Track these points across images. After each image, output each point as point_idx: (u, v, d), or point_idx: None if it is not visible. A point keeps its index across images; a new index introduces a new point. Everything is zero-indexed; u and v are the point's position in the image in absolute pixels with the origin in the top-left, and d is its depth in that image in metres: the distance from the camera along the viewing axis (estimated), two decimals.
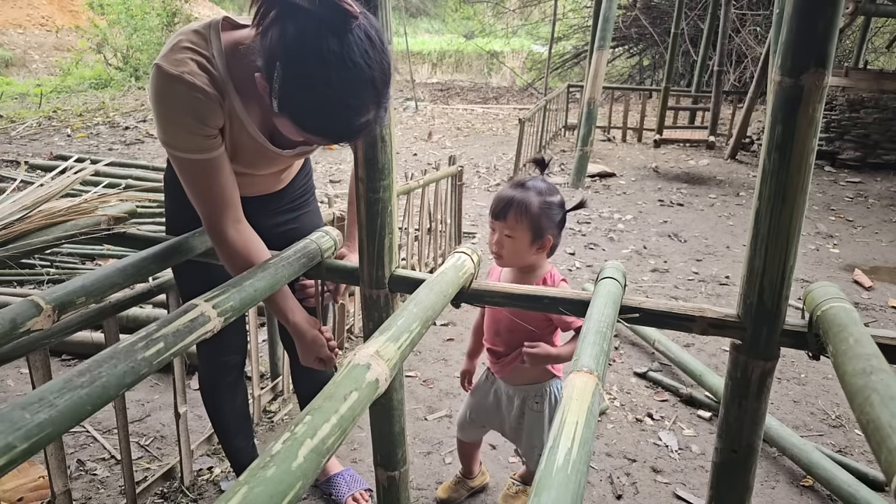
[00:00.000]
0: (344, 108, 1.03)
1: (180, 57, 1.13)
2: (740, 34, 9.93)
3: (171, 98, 1.13)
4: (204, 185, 1.22)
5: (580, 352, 0.87)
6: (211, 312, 1.01)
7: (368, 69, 1.00)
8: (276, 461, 0.61)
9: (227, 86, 1.17)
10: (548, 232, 1.52)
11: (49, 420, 0.73)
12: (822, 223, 4.87)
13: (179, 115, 1.14)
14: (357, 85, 1.01)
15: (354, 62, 0.98)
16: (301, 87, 1.01)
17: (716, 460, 1.20)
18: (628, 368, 2.69)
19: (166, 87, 1.12)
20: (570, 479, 0.60)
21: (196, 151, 1.17)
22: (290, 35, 0.98)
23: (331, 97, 1.01)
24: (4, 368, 2.49)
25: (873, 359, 0.80)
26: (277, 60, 1.00)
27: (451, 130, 8.78)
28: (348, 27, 0.97)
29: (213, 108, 1.16)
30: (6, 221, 1.36)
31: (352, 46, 0.98)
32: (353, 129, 1.06)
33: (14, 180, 4.85)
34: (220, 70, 1.16)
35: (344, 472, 1.93)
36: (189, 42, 1.15)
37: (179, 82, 1.11)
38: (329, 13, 0.96)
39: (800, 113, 0.93)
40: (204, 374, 1.76)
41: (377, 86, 1.02)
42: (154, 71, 1.13)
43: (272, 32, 1.00)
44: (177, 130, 1.16)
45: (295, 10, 0.98)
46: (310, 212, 1.65)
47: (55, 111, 8.85)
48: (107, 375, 0.83)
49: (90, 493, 1.91)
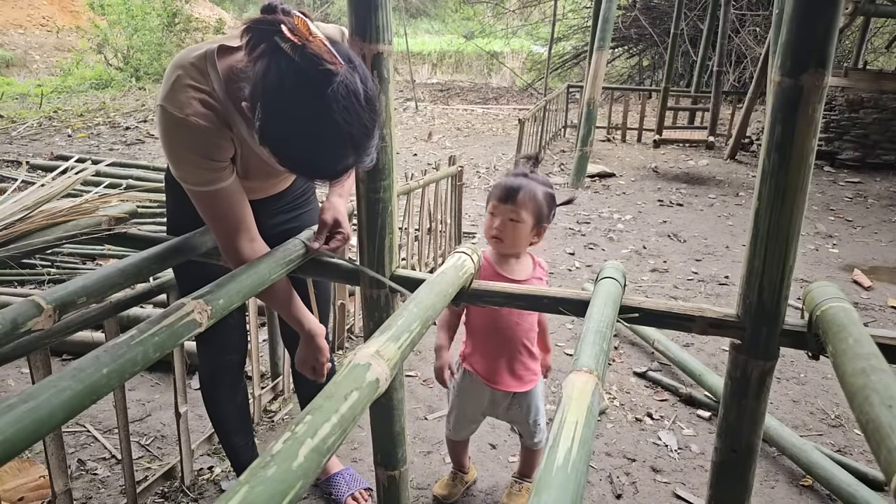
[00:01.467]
0: (320, 157, 1.04)
1: (183, 98, 1.14)
2: (740, 34, 9.93)
3: (179, 139, 1.15)
4: (220, 213, 1.25)
5: (580, 351, 0.87)
6: (199, 310, 1.02)
7: (347, 125, 1.00)
8: (276, 460, 0.61)
9: (232, 115, 1.19)
10: (545, 221, 1.60)
11: (34, 413, 0.74)
12: (822, 223, 4.88)
13: (189, 154, 1.17)
14: (333, 140, 1.01)
15: (331, 119, 0.98)
16: (278, 131, 1.02)
17: (715, 460, 1.20)
18: (628, 368, 2.69)
19: (173, 129, 1.14)
20: (570, 479, 0.60)
21: (209, 184, 1.20)
22: (272, 79, 0.98)
23: (306, 146, 1.03)
24: (5, 368, 2.49)
25: (873, 359, 0.80)
26: (258, 99, 1.00)
27: (451, 131, 8.78)
28: (329, 83, 0.97)
29: (221, 143, 1.18)
30: (7, 221, 1.37)
31: (330, 104, 0.97)
32: (330, 172, 1.08)
33: (15, 180, 4.85)
34: (223, 101, 1.17)
35: (344, 472, 1.93)
36: (189, 78, 1.15)
37: (185, 125, 1.13)
38: (308, 66, 0.96)
39: (799, 113, 0.94)
40: (204, 373, 1.76)
41: (355, 140, 1.03)
42: (159, 113, 1.15)
43: (259, 66, 1.00)
44: (189, 167, 1.18)
45: (280, 53, 0.98)
46: (310, 210, 1.66)
47: (56, 111, 8.85)
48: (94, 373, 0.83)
49: (91, 492, 1.91)
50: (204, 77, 1.16)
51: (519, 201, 1.55)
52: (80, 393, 0.82)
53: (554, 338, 2.95)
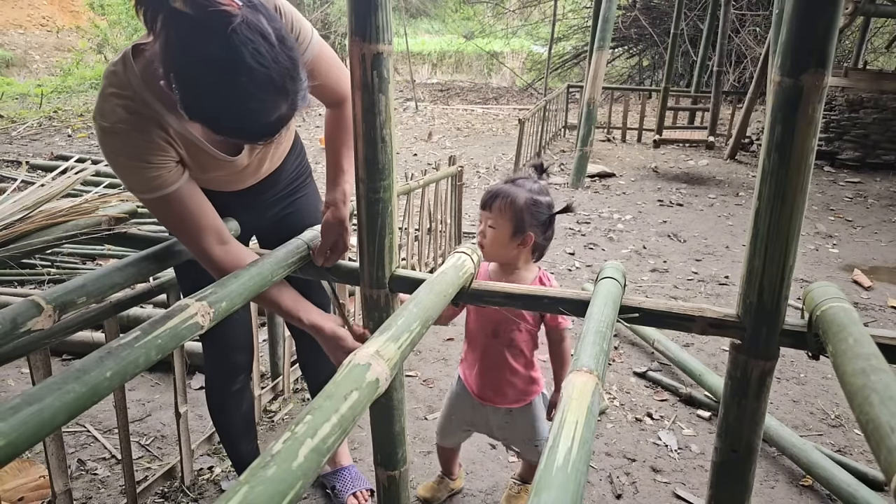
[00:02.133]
0: (248, 111, 0.98)
1: (108, 107, 1.13)
2: (740, 34, 9.93)
3: (112, 148, 1.15)
4: (177, 217, 1.22)
5: (580, 351, 0.87)
6: (201, 310, 1.02)
7: (263, 68, 0.94)
8: (276, 461, 0.61)
9: (159, 111, 1.15)
10: (530, 229, 1.53)
11: (38, 415, 0.74)
12: (822, 223, 4.88)
13: (125, 161, 1.15)
14: (254, 86, 0.95)
15: (245, 65, 0.93)
16: (198, 95, 0.98)
17: (715, 460, 1.20)
18: (628, 368, 2.69)
19: (105, 139, 1.14)
20: (570, 479, 0.60)
21: (157, 189, 1.18)
22: (174, 43, 0.94)
23: (231, 102, 0.97)
24: (5, 368, 2.49)
25: (873, 359, 0.80)
26: (170, 71, 0.96)
27: (451, 131, 8.78)
28: (230, 27, 0.91)
29: (154, 144, 1.15)
30: (7, 221, 1.37)
31: (238, 48, 0.92)
32: (267, 127, 1.03)
33: (15, 180, 4.85)
34: (147, 101, 1.14)
35: (350, 468, 1.93)
36: (112, 87, 1.13)
37: (114, 134, 1.13)
38: (206, 16, 0.91)
39: (799, 113, 0.94)
40: (210, 378, 1.74)
41: (277, 81, 0.97)
42: (94, 128, 1.16)
43: (161, 38, 0.96)
44: (129, 175, 1.17)
45: (175, 14, 0.92)
46: (307, 195, 1.62)
47: (56, 111, 8.85)
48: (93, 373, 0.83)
49: (91, 492, 1.91)
50: (124, 81, 1.13)
51: (495, 207, 1.52)
52: (83, 394, 0.81)
53: None
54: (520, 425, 1.70)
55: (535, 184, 1.57)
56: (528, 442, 1.72)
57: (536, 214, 1.53)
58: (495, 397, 1.67)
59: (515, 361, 1.63)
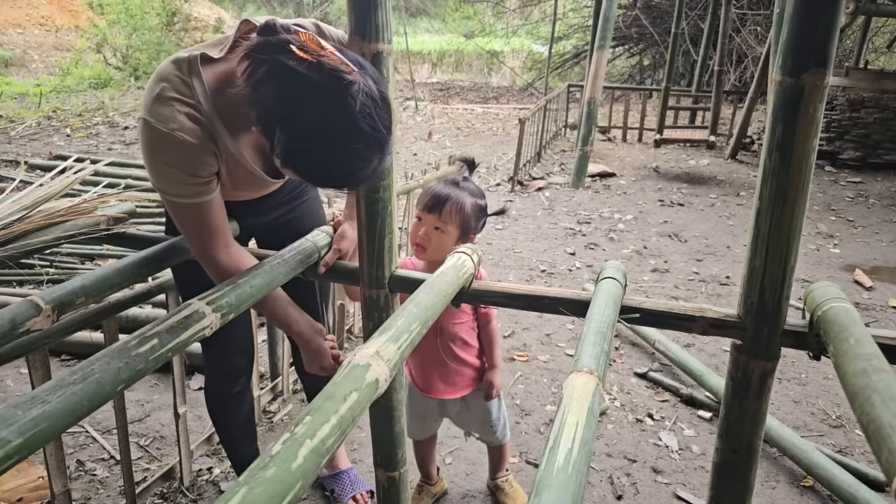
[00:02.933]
0: (353, 169, 1.02)
1: (167, 112, 1.10)
2: (741, 34, 9.93)
3: (163, 154, 1.12)
4: (195, 223, 1.22)
5: (580, 352, 0.87)
6: (207, 311, 1.01)
7: (374, 132, 0.98)
8: (275, 461, 0.61)
9: (218, 129, 1.15)
10: (472, 232, 1.59)
11: (43, 417, 0.74)
12: (823, 223, 4.87)
13: (172, 170, 1.13)
14: (366, 151, 1.00)
15: (357, 128, 0.96)
16: (304, 152, 1.00)
17: (716, 460, 1.20)
18: (628, 368, 2.69)
19: (157, 143, 1.11)
20: (571, 480, 0.60)
21: (191, 197, 1.17)
22: (288, 101, 0.96)
23: (340, 162, 1.01)
24: (4, 368, 2.48)
25: (874, 359, 0.80)
26: (276, 125, 0.98)
27: (451, 130, 8.78)
28: (349, 93, 0.94)
29: (205, 159, 1.14)
30: (6, 221, 1.36)
31: (353, 112, 0.95)
32: (358, 180, 1.07)
33: (13, 180, 4.85)
34: (208, 115, 1.14)
35: (349, 471, 1.92)
36: (174, 91, 1.11)
37: (170, 140, 1.10)
38: (326, 80, 0.94)
39: (800, 113, 0.93)
40: (210, 381, 1.74)
41: (381, 142, 1.01)
42: (142, 126, 1.11)
43: (265, 90, 0.97)
44: (169, 181, 1.15)
45: (289, 71, 0.94)
46: (308, 200, 1.63)
47: (55, 111, 8.85)
48: (101, 374, 0.83)
49: (90, 493, 1.90)
50: (188, 89, 1.12)
51: (444, 212, 1.53)
52: (89, 391, 0.81)
53: (554, 338, 2.95)
54: (474, 410, 1.75)
55: (475, 186, 1.61)
56: (485, 424, 1.77)
57: (479, 218, 1.60)
58: (447, 389, 1.69)
59: (463, 352, 1.67)
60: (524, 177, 6.03)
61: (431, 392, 1.70)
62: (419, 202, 1.59)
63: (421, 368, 1.71)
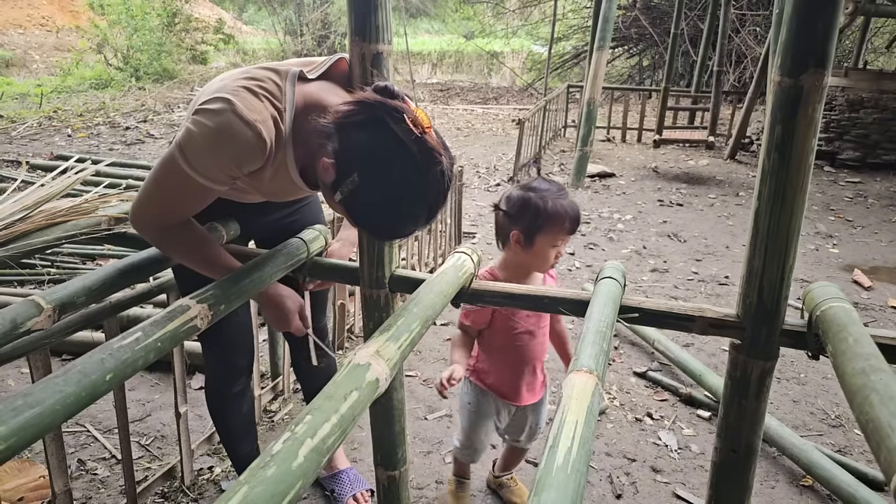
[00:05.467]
0: (399, 227, 1.10)
1: (257, 105, 1.10)
2: (740, 34, 9.93)
3: (231, 140, 1.07)
4: (182, 197, 1.17)
5: (580, 351, 0.87)
6: (199, 310, 1.02)
7: (436, 204, 1.07)
8: (276, 461, 0.61)
9: (287, 140, 1.17)
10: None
11: (36, 415, 0.74)
12: (822, 223, 4.88)
13: (227, 156, 1.09)
14: (423, 216, 1.08)
15: (427, 201, 1.06)
16: (371, 202, 1.05)
17: (715, 460, 1.20)
18: (628, 368, 2.69)
19: (233, 128, 1.07)
20: (570, 479, 0.60)
21: (210, 181, 1.12)
22: (378, 157, 1.02)
23: (392, 218, 1.08)
24: (5, 368, 2.49)
25: (872, 359, 0.80)
26: (356, 171, 1.02)
27: (451, 130, 8.78)
28: (435, 171, 1.03)
29: (259, 161, 1.14)
30: (7, 221, 1.37)
31: (430, 186, 1.03)
32: (397, 237, 1.16)
33: (15, 180, 4.85)
34: (287, 126, 1.16)
35: (348, 471, 1.93)
36: (266, 92, 1.12)
37: (250, 130, 1.07)
38: (422, 155, 1.01)
39: (799, 113, 0.94)
40: (211, 380, 1.74)
41: (434, 216, 1.10)
42: (223, 105, 1.06)
43: (356, 135, 1.02)
44: (211, 163, 1.10)
45: (392, 135, 1.00)
46: (310, 203, 1.65)
47: (55, 111, 8.85)
48: (82, 364, 0.83)
49: (91, 492, 1.91)
50: (282, 94, 1.15)
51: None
52: (82, 394, 0.81)
53: None
54: (533, 414, 1.73)
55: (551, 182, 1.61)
56: (536, 427, 1.76)
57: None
58: (529, 395, 1.68)
59: (543, 355, 1.68)
60: (524, 177, 6.03)
61: (517, 399, 1.66)
62: (556, 225, 1.50)
63: (511, 375, 1.65)
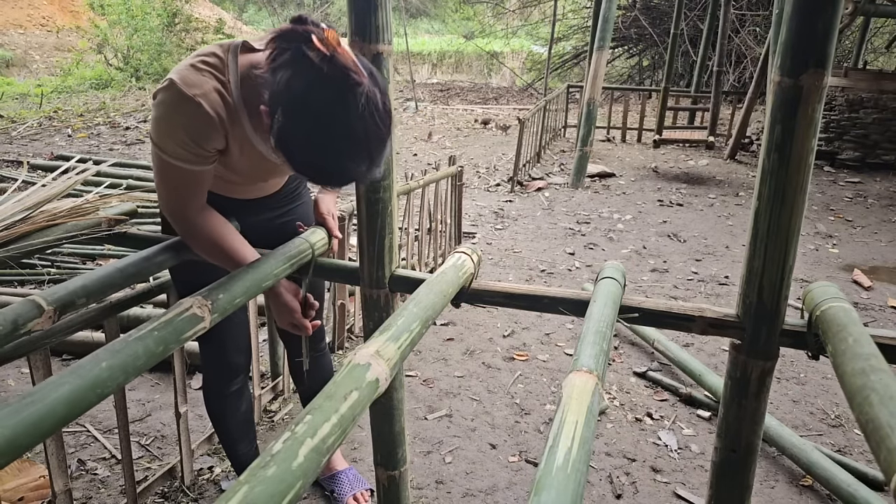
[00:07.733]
0: (334, 164, 1.05)
1: (197, 79, 1.13)
2: (740, 34, 9.93)
3: (177, 115, 1.14)
4: (178, 185, 1.23)
5: (580, 351, 0.87)
6: (201, 309, 1.02)
7: (365, 135, 1.02)
8: (276, 460, 0.61)
9: (240, 111, 1.18)
10: None
11: (38, 418, 0.74)
12: (822, 223, 4.88)
13: (179, 132, 1.15)
14: (351, 149, 1.03)
15: (352, 128, 1.00)
16: (296, 138, 1.03)
17: (715, 460, 1.20)
18: (628, 368, 2.70)
19: (177, 104, 1.13)
20: (570, 479, 0.60)
21: (184, 162, 1.18)
22: (297, 87, 1.00)
23: (322, 155, 1.04)
24: (5, 368, 2.49)
25: (872, 358, 0.80)
26: (280, 105, 1.01)
27: (451, 130, 8.78)
28: (353, 92, 0.98)
29: (215, 134, 1.17)
30: (8, 222, 1.37)
31: (352, 112, 0.99)
32: (340, 181, 1.10)
33: (15, 180, 4.85)
34: (234, 96, 1.17)
35: (347, 471, 1.93)
36: (208, 66, 1.15)
37: (191, 104, 1.12)
38: (335, 74, 0.98)
39: (799, 113, 0.94)
40: (208, 379, 1.74)
41: (371, 151, 1.04)
42: (168, 84, 1.13)
43: (282, 74, 1.01)
44: (174, 142, 1.16)
45: (305, 60, 0.99)
46: (303, 203, 1.66)
47: (56, 111, 8.85)
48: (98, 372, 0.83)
49: (91, 492, 1.91)
50: (224, 66, 1.17)
51: None
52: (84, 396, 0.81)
53: (553, 337, 2.95)
54: None
55: None
56: None
57: None
58: None
59: None
60: (524, 177, 6.03)
61: None
62: None
63: None
